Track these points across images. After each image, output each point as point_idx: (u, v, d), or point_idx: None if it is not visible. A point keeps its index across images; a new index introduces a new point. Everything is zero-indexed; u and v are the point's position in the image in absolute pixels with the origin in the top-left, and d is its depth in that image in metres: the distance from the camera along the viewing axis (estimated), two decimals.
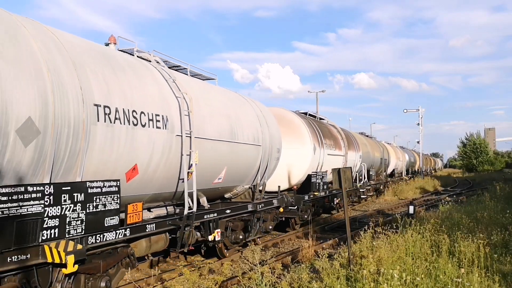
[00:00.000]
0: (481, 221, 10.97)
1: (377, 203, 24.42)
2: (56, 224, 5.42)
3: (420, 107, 54.39)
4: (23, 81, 5.00)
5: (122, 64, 6.89)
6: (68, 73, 5.64)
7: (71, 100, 5.56)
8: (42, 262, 5.35)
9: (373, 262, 6.70)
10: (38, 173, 5.30)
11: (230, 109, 9.51)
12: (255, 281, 6.77)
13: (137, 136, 6.66)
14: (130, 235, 6.76)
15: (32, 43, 5.37)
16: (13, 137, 4.85)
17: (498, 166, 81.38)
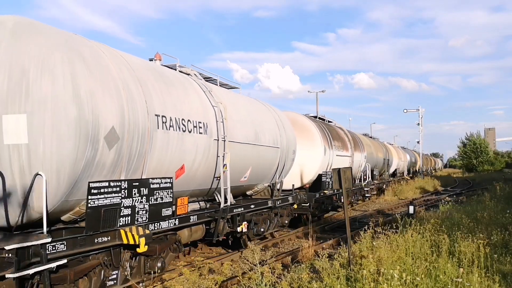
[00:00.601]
0: (481, 221, 11.11)
1: (377, 203, 24.85)
2: (129, 213, 6.77)
3: (420, 107, 55.58)
4: (107, 97, 6.34)
5: (172, 80, 8.25)
6: (136, 89, 6.99)
7: (139, 112, 6.91)
8: (117, 244, 6.72)
9: (373, 262, 6.77)
10: (116, 171, 6.65)
11: (254, 115, 10.90)
12: (255, 281, 6.86)
13: (185, 140, 8.01)
14: (178, 224, 8.11)
15: (110, 66, 6.71)
16: (102, 143, 6.19)
17: (498, 166, 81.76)
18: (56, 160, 5.71)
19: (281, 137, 11.83)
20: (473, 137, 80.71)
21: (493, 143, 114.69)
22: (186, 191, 8.62)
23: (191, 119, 8.19)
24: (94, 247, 6.30)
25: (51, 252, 5.60)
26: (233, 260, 10.14)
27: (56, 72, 5.77)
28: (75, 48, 6.24)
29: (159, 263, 7.60)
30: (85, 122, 5.88)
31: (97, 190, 6.16)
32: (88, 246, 6.19)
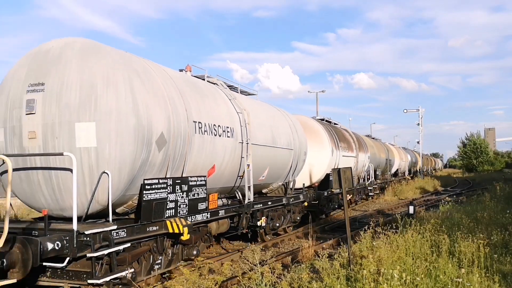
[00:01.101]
0: (481, 221, 11.24)
1: (377, 203, 25.22)
2: (173, 206, 8.01)
3: (420, 107, 56.32)
4: (157, 107, 7.57)
5: (204, 90, 9.50)
6: (178, 99, 8.22)
7: (181, 119, 8.14)
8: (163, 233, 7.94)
9: (373, 262, 6.83)
10: (163, 170, 7.89)
11: (271, 119, 12.16)
12: (255, 281, 6.93)
13: (216, 143, 9.25)
14: (210, 217, 9.35)
15: (157, 80, 7.94)
16: (153, 146, 7.42)
17: (498, 166, 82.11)
18: (119, 161, 6.94)
19: (294, 140, 13.10)
20: (473, 137, 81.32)
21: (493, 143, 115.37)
22: (215, 188, 9.84)
23: (221, 124, 9.43)
24: (146, 235, 7.53)
25: (115, 238, 6.83)
26: (233, 260, 10.44)
27: (119, 87, 7.00)
28: (132, 66, 7.48)
29: (195, 251, 8.85)
30: (142, 129, 7.12)
31: (149, 186, 7.39)
32: (142, 234, 7.42)
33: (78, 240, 6.26)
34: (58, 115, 6.92)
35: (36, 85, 7.08)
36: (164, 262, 8.30)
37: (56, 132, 6.93)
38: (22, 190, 7.29)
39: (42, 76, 7.09)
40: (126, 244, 6.89)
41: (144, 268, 7.80)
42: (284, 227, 13.71)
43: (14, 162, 7.18)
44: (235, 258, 10.61)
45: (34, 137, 7.02)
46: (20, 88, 7.17)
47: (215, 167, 9.38)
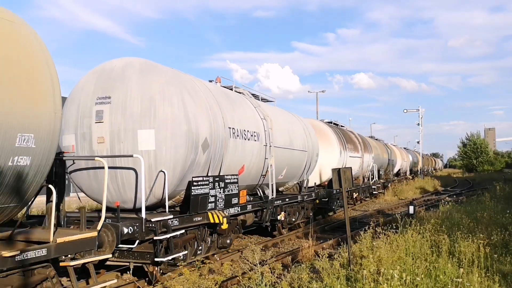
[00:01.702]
0: (481, 221, 11.38)
1: (377, 203, 25.64)
2: (213, 200, 9.55)
3: (420, 107, 56.99)
4: (202, 115, 9.11)
5: (234, 99, 11.06)
6: (216, 109, 9.77)
7: (219, 125, 9.68)
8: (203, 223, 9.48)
9: (373, 262, 6.93)
10: (205, 169, 9.43)
11: (289, 124, 13.73)
12: (255, 281, 7.04)
13: (246, 146, 10.80)
14: (240, 211, 10.89)
15: (201, 93, 9.48)
16: (199, 149, 8.96)
17: (498, 166, 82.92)
18: (173, 161, 8.48)
19: (308, 142, 14.66)
20: (473, 137, 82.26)
21: (493, 143, 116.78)
22: (243, 185, 11.38)
23: (249, 129, 10.98)
24: (193, 224, 9.08)
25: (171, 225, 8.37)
26: (233, 260, 10.73)
27: (173, 100, 8.54)
28: (182, 82, 9.03)
29: (228, 240, 10.40)
30: (191, 134, 8.66)
31: (196, 183, 8.94)
32: (189, 223, 8.97)
33: (145, 226, 7.81)
34: (123, 123, 8.46)
35: (104, 98, 8.62)
36: (204, 248, 9.85)
37: (121, 138, 8.48)
38: (90, 186, 8.82)
39: (109, 90, 8.63)
40: (181, 231, 8.45)
41: (190, 252, 9.34)
42: (298, 222, 15.28)
43: (85, 163, 8.74)
44: (235, 258, 10.97)
45: (102, 142, 8.56)
46: (89, 101, 8.70)
47: (244, 167, 10.93)
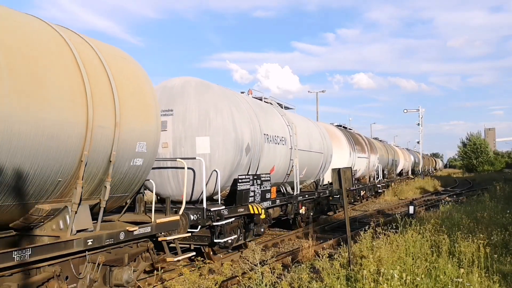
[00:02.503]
0: (481, 221, 11.67)
1: (377, 203, 26.51)
2: (252, 195, 11.80)
3: (420, 107, 59.15)
4: (245, 124, 11.36)
5: (266, 109, 13.33)
6: (254, 118, 12.02)
7: (258, 132, 11.94)
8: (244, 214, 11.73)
9: (373, 262, 7.04)
10: (247, 169, 11.69)
11: (307, 129, 16.01)
12: (255, 281, 7.18)
13: (276, 149, 13.06)
14: (271, 205, 13.15)
15: (243, 105, 11.73)
16: (243, 152, 11.21)
17: (498, 166, 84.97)
18: (224, 162, 10.73)
19: (323, 145, 16.97)
20: (473, 137, 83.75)
21: (493, 143, 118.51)
22: (272, 183, 13.66)
23: (278, 135, 13.25)
24: (237, 214, 11.33)
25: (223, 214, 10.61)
26: (233, 260, 11.21)
27: (223, 113, 10.80)
28: (229, 97, 11.30)
29: (262, 229, 12.66)
30: (238, 140, 10.91)
31: (241, 180, 11.19)
32: (235, 213, 11.21)
33: (206, 215, 10.06)
34: (184, 131, 10.71)
35: (167, 111, 10.86)
36: (244, 235, 12.10)
37: (182, 143, 10.72)
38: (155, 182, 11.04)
39: (171, 104, 10.87)
40: (232, 218, 10.71)
41: (234, 238, 11.59)
42: (315, 217, 17.57)
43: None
44: (235, 258, 11.48)
45: (166, 146, 10.80)
46: None
47: (274, 167, 13.21)
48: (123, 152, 7.18)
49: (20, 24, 6.01)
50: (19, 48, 5.70)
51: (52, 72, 6.05)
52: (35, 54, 5.91)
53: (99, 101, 6.67)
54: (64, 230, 6.66)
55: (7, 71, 5.34)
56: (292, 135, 14.12)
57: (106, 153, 6.87)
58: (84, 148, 6.42)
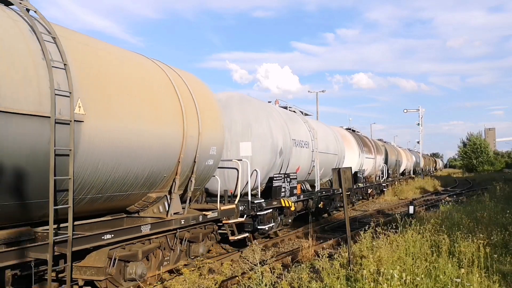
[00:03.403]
0: (481, 221, 11.84)
1: (377, 203, 27.12)
2: (283, 190, 14.46)
3: (420, 107, 61.13)
4: (278, 131, 14.01)
5: (292, 117, 16.00)
6: (285, 126, 14.68)
7: (288, 138, 14.61)
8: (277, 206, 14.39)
9: (373, 262, 7.17)
10: (279, 169, 14.36)
11: (324, 133, 18.71)
12: (255, 280, 7.30)
13: (300, 152, 15.73)
14: (296, 200, 15.81)
15: (275, 114, 14.41)
16: (277, 155, 13.88)
17: (498, 166, 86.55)
18: (262, 163, 13.38)
19: (338, 147, 19.67)
20: (474, 137, 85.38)
21: (493, 143, 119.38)
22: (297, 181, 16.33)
23: (303, 139, 15.92)
24: (272, 206, 13.97)
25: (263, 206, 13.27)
26: (233, 260, 11.46)
27: (262, 122, 13.45)
28: (266, 109, 13.96)
29: (290, 219, 15.34)
30: (273, 145, 13.56)
31: (275, 178, 13.84)
32: (271, 206, 13.85)
33: (251, 206, 12.70)
34: (230, 138, 13.34)
35: None
36: (276, 225, 14.78)
37: (228, 147, 13.35)
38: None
39: None
40: (268, 210, 13.38)
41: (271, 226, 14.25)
42: (330, 211, 20.28)
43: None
44: (235, 258, 11.77)
45: None
46: None
47: (299, 167, 15.89)
48: (202, 155, 9.82)
49: (142, 65, 8.68)
50: (147, 82, 8.37)
51: (163, 99, 8.71)
52: (154, 87, 8.58)
53: (189, 117, 9.32)
54: (163, 213, 9.29)
55: (146, 101, 8.02)
56: (313, 140, 16.80)
57: (193, 155, 9.51)
58: (181, 152, 9.07)
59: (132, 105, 7.73)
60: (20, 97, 5.70)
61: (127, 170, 7.76)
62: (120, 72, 7.76)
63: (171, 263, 9.49)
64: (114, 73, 7.57)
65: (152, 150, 8.23)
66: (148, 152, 8.12)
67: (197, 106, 9.62)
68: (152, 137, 8.17)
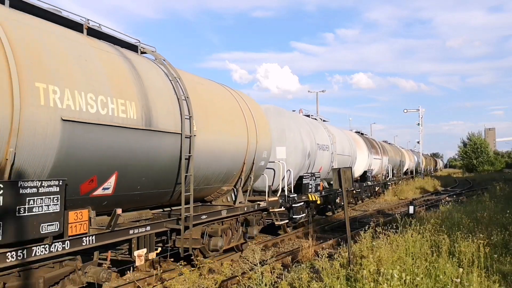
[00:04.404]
0: (481, 221, 12.05)
1: (377, 203, 28.22)
2: (310, 187, 17.84)
3: (420, 107, 62.60)
4: (307, 137, 17.36)
5: (315, 124, 19.39)
6: (311, 132, 18.05)
7: (313, 143, 17.97)
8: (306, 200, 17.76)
9: (373, 262, 7.33)
10: (307, 169, 17.74)
11: (341, 137, 22.11)
12: (255, 280, 7.49)
13: (323, 155, 19.11)
14: (319, 195, 19.18)
15: (303, 123, 17.78)
16: (306, 157, 17.25)
17: (498, 166, 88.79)
18: (294, 164, 16.74)
19: (351, 149, 23.08)
20: (474, 137, 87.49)
21: (493, 143, 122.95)
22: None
23: (324, 144, 19.30)
24: (302, 200, 17.32)
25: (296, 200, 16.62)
26: (233, 260, 11.77)
27: (294, 130, 16.80)
28: (296, 119, 17.33)
29: (315, 211, 18.74)
30: (303, 149, 16.92)
31: (305, 176, 17.21)
32: (301, 200, 17.20)
33: (287, 199, 16.05)
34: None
35: None
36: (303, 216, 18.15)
37: None
38: None
39: None
40: (302, 202, 16.75)
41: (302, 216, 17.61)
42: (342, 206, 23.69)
43: None
44: (235, 258, 12.14)
45: None
46: None
47: (321, 168, 19.27)
48: (258, 157, 13.16)
49: (221, 92, 12.05)
50: (225, 106, 11.72)
51: (234, 117, 12.03)
52: (229, 109, 11.93)
53: (250, 130, 12.65)
54: (230, 202, 12.62)
55: (226, 120, 11.40)
56: (332, 144, 20.18)
57: (252, 157, 12.83)
58: (246, 156, 12.40)
59: (219, 123, 11.07)
60: (167, 121, 9.03)
61: (214, 169, 11.09)
62: (211, 100, 11.12)
63: (235, 241, 12.82)
64: (208, 101, 10.93)
65: (229, 154, 11.56)
66: (227, 155, 11.45)
67: (255, 121, 12.98)
68: (229, 145, 11.50)
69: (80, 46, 7.57)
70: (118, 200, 8.21)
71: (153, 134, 8.51)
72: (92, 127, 7.08)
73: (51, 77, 6.52)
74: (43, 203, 6.30)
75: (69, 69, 6.93)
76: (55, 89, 6.51)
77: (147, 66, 9.23)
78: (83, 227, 7.19)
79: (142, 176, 8.55)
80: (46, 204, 6.36)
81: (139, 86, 8.43)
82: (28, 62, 6.24)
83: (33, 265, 6.57)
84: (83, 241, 7.22)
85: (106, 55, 8.12)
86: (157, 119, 8.64)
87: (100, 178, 7.58)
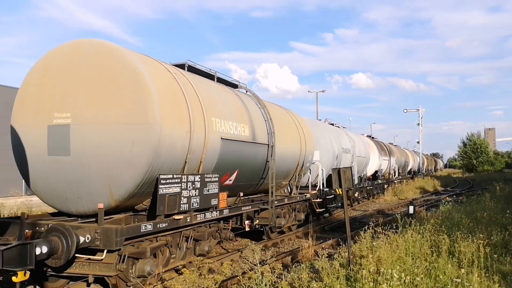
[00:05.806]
0: (481, 221, 12.22)
1: (377, 203, 29.43)
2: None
3: (420, 107, 63.72)
4: (334, 142, 22.52)
5: (339, 132, 24.58)
6: (337, 138, 23.23)
7: (340, 146, 23.14)
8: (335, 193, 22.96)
9: (372, 262, 7.59)
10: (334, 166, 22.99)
11: (358, 141, 27.35)
12: (255, 280, 7.78)
13: (346, 157, 24.29)
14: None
15: (331, 130, 23.00)
16: (335, 159, 22.46)
17: (498, 166, 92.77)
18: (326, 165, 21.89)
19: (366, 152, 28.30)
20: (474, 137, 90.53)
21: (493, 143, 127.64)
22: None
23: (346, 147, 24.48)
24: (332, 193, 22.50)
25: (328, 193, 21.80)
26: (233, 260, 12.05)
27: (326, 138, 21.97)
28: (326, 128, 22.53)
29: (340, 203, 23.94)
30: (333, 153, 22.07)
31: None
32: (330, 193, 22.36)
33: (322, 192, 21.22)
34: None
35: None
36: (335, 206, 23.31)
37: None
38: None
39: None
40: (331, 196, 21.97)
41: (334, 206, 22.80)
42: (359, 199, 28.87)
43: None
44: (235, 258, 12.42)
45: None
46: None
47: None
48: (306, 160, 18.32)
49: (285, 113, 17.28)
50: (288, 124, 16.92)
51: (292, 132, 17.21)
52: (289, 126, 17.12)
53: (302, 139, 17.79)
54: (286, 193, 17.78)
55: (289, 134, 16.63)
56: (352, 147, 25.39)
57: (303, 160, 17.96)
58: (299, 159, 17.57)
59: (286, 136, 16.22)
60: (262, 136, 14.17)
61: (282, 169, 16.21)
62: (280, 118, 16.31)
63: (289, 222, 17.93)
64: (279, 120, 16.10)
65: (291, 158, 16.71)
66: (289, 159, 16.60)
67: (304, 133, 18.16)
68: (291, 151, 16.64)
69: (221, 92, 12.71)
70: (233, 188, 13.31)
71: (256, 145, 13.61)
72: (232, 142, 12.15)
73: (216, 113, 11.62)
74: (212, 186, 11.37)
75: (221, 108, 12.03)
76: (218, 120, 11.61)
77: (247, 99, 14.37)
78: (224, 203, 12.29)
79: (247, 172, 13.66)
80: (213, 188, 11.40)
81: (247, 113, 13.55)
82: (207, 105, 11.36)
83: (204, 224, 11.58)
84: (223, 212, 12.27)
85: (230, 96, 13.25)
86: (257, 135, 13.75)
87: (231, 173, 12.71)
